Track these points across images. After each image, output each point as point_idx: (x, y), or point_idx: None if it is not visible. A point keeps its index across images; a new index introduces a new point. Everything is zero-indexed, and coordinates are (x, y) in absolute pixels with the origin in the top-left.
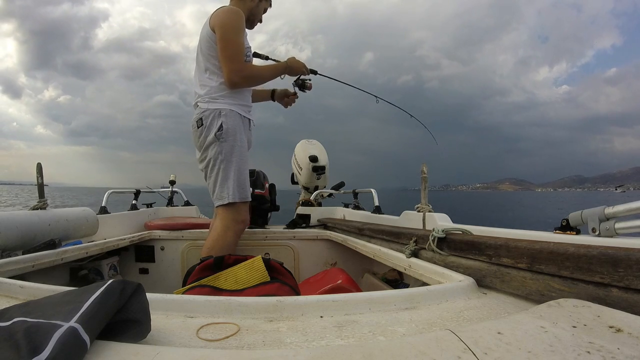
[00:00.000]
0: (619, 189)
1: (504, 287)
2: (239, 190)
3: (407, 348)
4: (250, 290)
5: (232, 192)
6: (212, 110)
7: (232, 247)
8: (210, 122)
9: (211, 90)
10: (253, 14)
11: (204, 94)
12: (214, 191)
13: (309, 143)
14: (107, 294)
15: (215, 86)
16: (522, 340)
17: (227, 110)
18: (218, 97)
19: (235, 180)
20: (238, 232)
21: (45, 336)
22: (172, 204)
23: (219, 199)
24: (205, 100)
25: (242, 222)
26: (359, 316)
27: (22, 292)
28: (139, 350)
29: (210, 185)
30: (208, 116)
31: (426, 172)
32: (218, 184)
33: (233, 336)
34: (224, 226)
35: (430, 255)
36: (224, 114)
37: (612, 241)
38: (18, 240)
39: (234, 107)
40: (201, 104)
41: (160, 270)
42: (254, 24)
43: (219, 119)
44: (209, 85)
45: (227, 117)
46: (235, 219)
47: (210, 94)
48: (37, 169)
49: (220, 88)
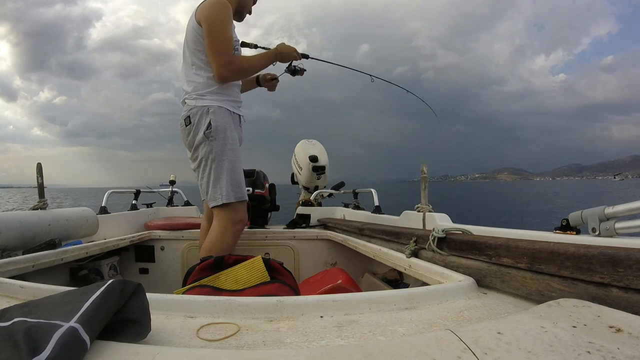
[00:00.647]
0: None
1: (504, 287)
2: (234, 190)
3: (407, 348)
4: (250, 290)
5: (225, 192)
6: (199, 107)
7: (231, 248)
8: (199, 120)
9: (198, 86)
10: (242, 6)
11: (191, 91)
12: (207, 192)
13: (309, 143)
14: (107, 294)
15: (202, 82)
16: (522, 340)
17: (215, 107)
18: (206, 93)
19: (228, 179)
20: (236, 233)
21: (45, 336)
22: (172, 204)
23: (213, 199)
24: (193, 97)
25: (239, 222)
26: (359, 316)
27: (22, 292)
28: (139, 350)
29: (203, 186)
30: (196, 114)
31: (426, 172)
32: (211, 184)
33: (233, 336)
34: (221, 227)
35: (430, 255)
36: (213, 111)
37: (612, 241)
38: (18, 240)
39: (223, 103)
40: (189, 101)
41: (160, 270)
42: (243, 16)
43: (207, 116)
44: (196, 81)
45: (216, 114)
46: (232, 219)
47: (198, 90)
48: (37, 169)
49: (207, 84)
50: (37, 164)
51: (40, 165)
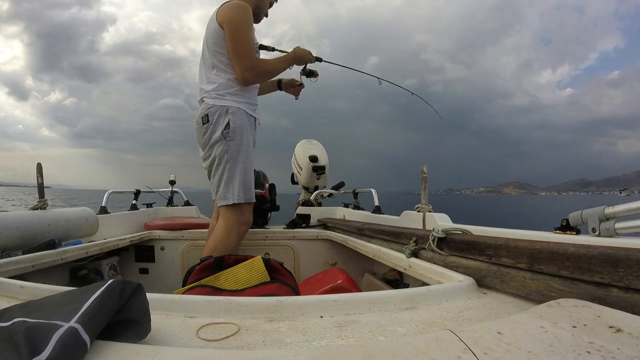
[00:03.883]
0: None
1: (504, 287)
2: (244, 191)
3: (407, 348)
4: (250, 291)
5: (237, 192)
6: (219, 107)
7: (235, 248)
8: (217, 119)
9: (219, 87)
10: (259, 7)
11: (211, 90)
12: (218, 191)
13: (309, 143)
14: (107, 294)
15: (223, 83)
16: (522, 340)
17: (234, 108)
18: (225, 94)
19: (240, 180)
20: (241, 234)
21: (45, 336)
22: (172, 204)
23: (223, 199)
24: (212, 97)
25: (245, 223)
26: (359, 316)
27: (22, 292)
28: (139, 350)
29: (215, 184)
30: (214, 112)
31: (426, 172)
32: (223, 183)
33: (233, 336)
34: (227, 227)
35: (430, 255)
36: (232, 112)
37: (612, 241)
38: (18, 240)
39: (241, 105)
40: (207, 99)
41: (160, 270)
42: (260, 18)
43: (226, 116)
44: (216, 82)
45: (235, 115)
46: (238, 220)
47: (218, 91)
48: (37, 169)
49: (227, 85)
50: (37, 164)
51: (40, 165)
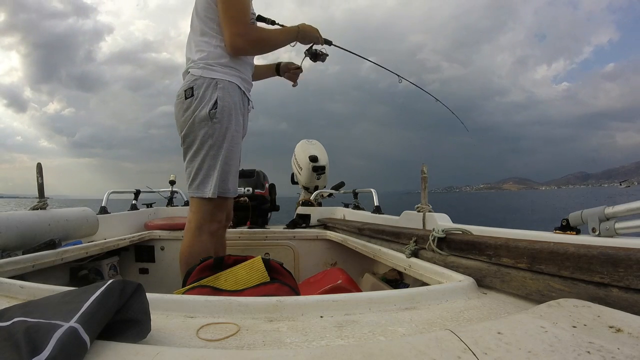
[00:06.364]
0: (623, 184)
1: (504, 287)
2: (222, 184)
3: (407, 348)
4: (250, 291)
5: (214, 184)
6: (206, 79)
7: (210, 249)
8: (203, 94)
9: (208, 55)
10: None
11: (199, 59)
12: (195, 180)
13: (309, 143)
14: (107, 294)
15: (212, 51)
16: (522, 340)
17: (225, 82)
18: (215, 64)
19: (220, 171)
20: (213, 232)
21: (45, 336)
22: (172, 204)
23: (197, 190)
24: (200, 66)
25: (218, 221)
26: (359, 316)
27: (22, 292)
28: (139, 350)
29: (192, 171)
30: (201, 85)
31: (426, 172)
32: (201, 173)
33: (233, 336)
34: (197, 227)
35: (430, 255)
36: (222, 86)
37: (612, 241)
38: (18, 240)
39: (234, 78)
40: (193, 70)
41: (160, 270)
42: None
43: (214, 91)
44: (206, 50)
45: (225, 91)
46: (212, 217)
47: (207, 60)
48: (37, 169)
49: (218, 54)
50: (37, 163)
51: (40, 165)
